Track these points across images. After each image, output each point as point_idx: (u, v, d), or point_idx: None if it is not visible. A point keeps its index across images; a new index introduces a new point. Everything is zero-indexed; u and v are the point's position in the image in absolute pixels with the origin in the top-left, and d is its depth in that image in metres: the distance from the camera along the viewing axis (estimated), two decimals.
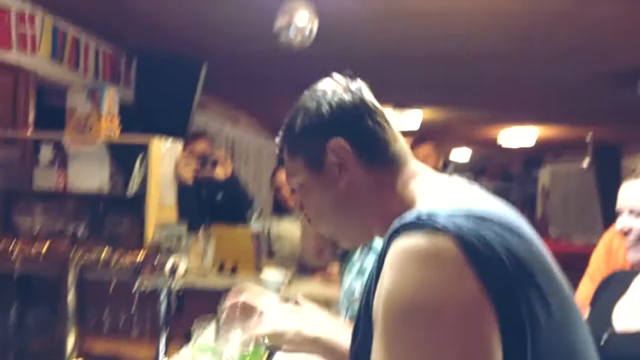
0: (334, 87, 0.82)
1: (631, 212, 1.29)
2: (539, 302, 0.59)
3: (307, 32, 2.27)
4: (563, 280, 0.68)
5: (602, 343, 1.24)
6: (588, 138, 6.73)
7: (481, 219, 0.62)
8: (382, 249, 0.65)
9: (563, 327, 0.63)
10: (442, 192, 0.73)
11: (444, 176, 0.80)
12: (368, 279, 0.70)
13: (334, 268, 2.35)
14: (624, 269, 1.44)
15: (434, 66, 3.50)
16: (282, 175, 2.76)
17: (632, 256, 1.28)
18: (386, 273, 0.61)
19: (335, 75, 0.85)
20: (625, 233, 1.29)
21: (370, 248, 1.59)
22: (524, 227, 0.68)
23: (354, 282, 1.59)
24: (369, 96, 0.83)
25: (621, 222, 1.31)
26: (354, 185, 0.79)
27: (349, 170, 0.79)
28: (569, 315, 0.66)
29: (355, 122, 0.80)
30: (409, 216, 0.64)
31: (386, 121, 0.83)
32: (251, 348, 1.15)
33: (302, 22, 2.24)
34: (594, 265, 1.66)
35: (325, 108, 0.81)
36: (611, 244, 1.64)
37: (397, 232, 0.63)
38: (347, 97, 0.81)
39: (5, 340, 2.16)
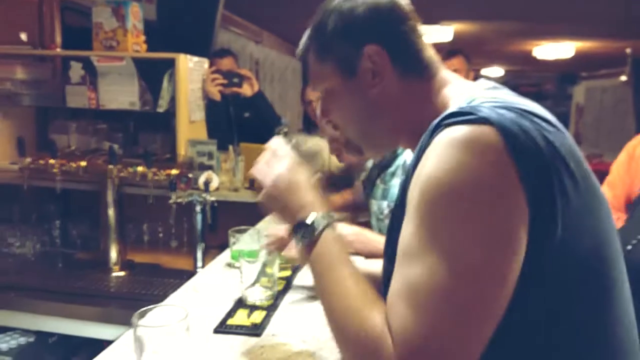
0: None
1: None
2: (570, 183, 0.61)
3: None
4: (592, 174, 0.69)
5: (629, 247, 1.24)
6: (628, 50, 6.43)
7: (520, 111, 0.62)
8: (422, 144, 0.65)
9: (590, 211, 0.65)
10: (478, 92, 0.71)
11: (476, 83, 0.78)
12: (405, 177, 0.70)
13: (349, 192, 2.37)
14: None
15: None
16: (312, 91, 2.74)
17: None
18: (427, 160, 0.62)
19: None
20: None
21: (393, 174, 1.60)
22: (558, 123, 0.69)
23: (380, 203, 1.62)
24: (404, 0, 0.80)
25: None
26: (386, 94, 0.77)
27: (384, 78, 0.77)
28: (597, 200, 0.68)
29: (391, 27, 0.77)
30: (452, 110, 0.63)
31: (419, 28, 0.80)
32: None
33: None
34: (614, 172, 1.60)
35: (361, 10, 0.77)
36: (634, 151, 1.58)
37: (439, 126, 0.63)
38: (382, 0, 0.78)
39: (53, 251, 2.29)
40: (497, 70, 9.92)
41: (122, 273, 2.11)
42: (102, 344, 1.82)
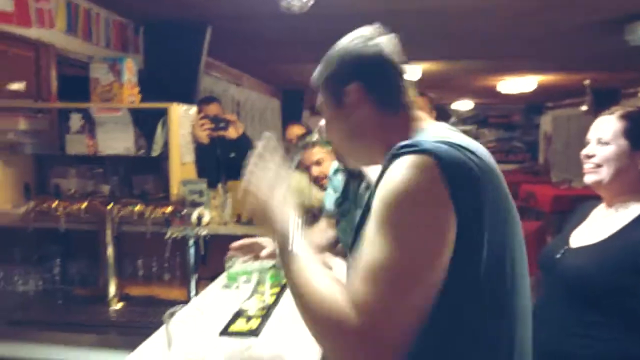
0: (356, 40, 1.01)
1: (599, 141, 1.49)
2: (488, 200, 0.85)
3: None
4: (509, 196, 0.93)
5: (558, 256, 1.48)
6: (586, 82, 6.86)
7: (455, 145, 0.86)
8: (384, 166, 0.89)
9: (501, 226, 0.87)
10: (432, 131, 0.96)
11: (436, 123, 1.03)
12: (369, 192, 0.93)
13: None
14: (591, 200, 1.65)
15: (432, 20, 3.63)
16: (293, 129, 3.01)
17: (589, 178, 1.51)
18: (385, 179, 0.86)
19: (364, 28, 1.03)
20: (589, 157, 1.51)
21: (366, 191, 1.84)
22: (490, 159, 0.93)
23: (355, 218, 1.84)
24: (389, 49, 1.01)
25: (588, 149, 1.52)
26: (364, 122, 1.00)
27: (360, 109, 0.99)
28: (509, 219, 0.91)
29: (373, 71, 0.99)
30: (403, 143, 0.88)
31: (401, 74, 1.02)
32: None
33: None
34: None
35: (349, 57, 1.00)
36: None
37: (395, 155, 0.87)
38: (366, 49, 1.00)
39: (53, 288, 2.45)
40: (467, 103, 10.37)
41: (119, 305, 2.28)
42: None
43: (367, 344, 0.78)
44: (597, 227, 1.49)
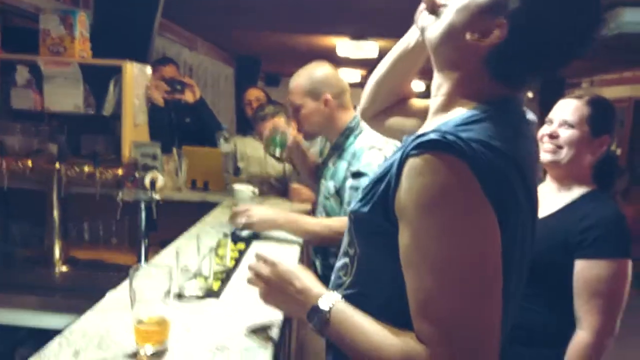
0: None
1: (564, 123, 1.52)
2: (523, 196, 0.80)
3: None
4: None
5: None
6: None
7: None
8: (400, 159, 0.79)
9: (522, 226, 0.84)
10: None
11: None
12: (381, 182, 0.83)
13: (298, 185, 2.63)
14: None
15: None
16: (252, 91, 3.00)
17: (546, 157, 1.55)
18: (408, 179, 0.77)
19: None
20: (552, 137, 1.53)
21: (339, 156, 1.87)
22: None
23: (327, 183, 1.88)
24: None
25: (551, 128, 1.54)
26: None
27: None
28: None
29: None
30: (424, 137, 0.76)
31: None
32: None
33: None
34: None
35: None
36: None
37: (414, 149, 0.77)
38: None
39: None
40: (419, 85, 10.54)
41: (65, 268, 2.21)
42: (48, 335, 1.91)
43: None
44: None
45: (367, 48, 5.45)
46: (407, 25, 1.08)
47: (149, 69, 2.59)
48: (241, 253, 1.67)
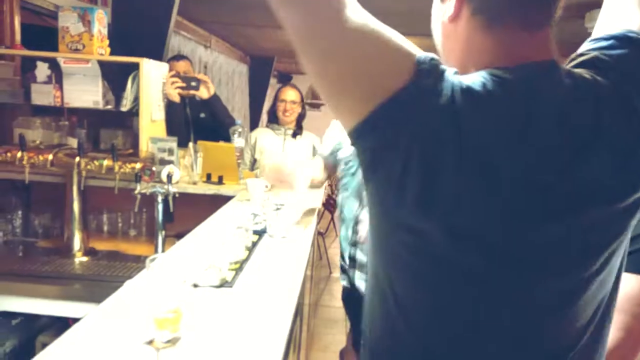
0: None
1: None
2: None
3: None
4: None
5: None
6: None
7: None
8: None
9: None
10: None
11: None
12: None
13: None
14: None
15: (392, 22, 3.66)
16: (289, 92, 3.05)
17: None
18: None
19: None
20: None
21: None
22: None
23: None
24: None
25: None
26: None
27: None
28: None
29: None
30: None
31: None
32: None
33: None
34: None
35: None
36: None
37: None
38: None
39: (15, 240, 2.41)
40: None
41: (85, 258, 2.27)
42: (67, 323, 1.98)
43: None
44: None
45: None
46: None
47: (165, 66, 2.65)
48: (254, 244, 1.72)
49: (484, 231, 0.64)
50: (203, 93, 2.76)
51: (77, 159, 2.13)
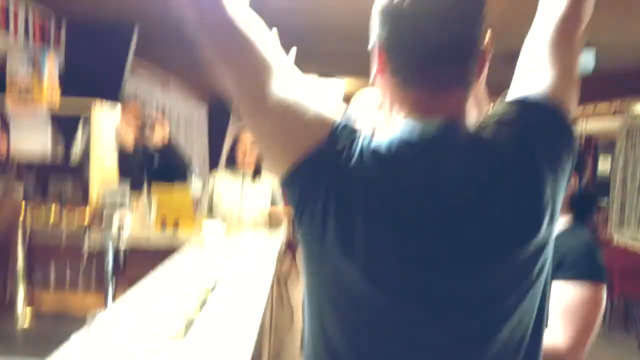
0: None
1: None
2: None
3: None
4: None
5: None
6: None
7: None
8: None
9: None
10: None
11: None
12: None
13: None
14: None
15: (360, 40, 3.76)
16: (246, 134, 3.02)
17: None
18: None
19: None
20: None
21: None
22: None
23: None
24: None
25: None
26: None
27: None
28: None
29: None
30: None
31: None
32: None
33: None
34: None
35: None
36: None
37: None
38: None
39: None
40: None
41: (29, 313, 2.14)
42: None
43: None
44: None
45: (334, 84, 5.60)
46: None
47: (118, 108, 2.60)
48: (207, 296, 1.65)
49: (395, 276, 0.71)
50: (158, 137, 2.71)
51: (22, 212, 2.03)
